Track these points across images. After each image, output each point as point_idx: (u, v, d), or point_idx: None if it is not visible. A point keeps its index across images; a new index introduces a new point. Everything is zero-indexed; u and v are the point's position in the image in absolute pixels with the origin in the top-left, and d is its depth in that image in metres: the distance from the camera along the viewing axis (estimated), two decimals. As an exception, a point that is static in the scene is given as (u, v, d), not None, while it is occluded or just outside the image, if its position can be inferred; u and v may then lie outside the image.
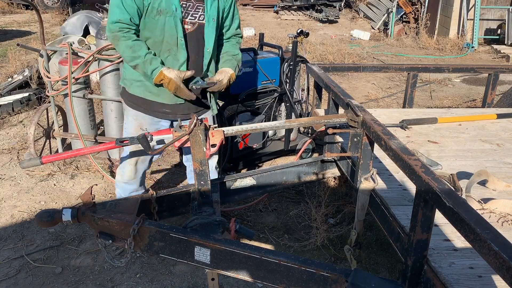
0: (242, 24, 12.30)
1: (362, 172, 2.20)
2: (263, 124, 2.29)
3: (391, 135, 1.88)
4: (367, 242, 2.94)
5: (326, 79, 2.90)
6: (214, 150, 2.00)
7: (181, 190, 2.22)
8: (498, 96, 4.48)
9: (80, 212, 1.84)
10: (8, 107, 4.96)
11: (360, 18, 12.69)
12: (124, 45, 2.32)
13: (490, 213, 1.99)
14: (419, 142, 2.84)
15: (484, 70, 3.80)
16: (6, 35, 9.57)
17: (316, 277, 1.61)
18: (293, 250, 2.87)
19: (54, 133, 3.94)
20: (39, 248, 2.87)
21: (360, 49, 9.35)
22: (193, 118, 1.90)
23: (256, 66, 3.48)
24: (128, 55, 2.33)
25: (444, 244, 1.78)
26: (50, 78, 3.62)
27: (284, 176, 2.62)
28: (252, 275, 1.71)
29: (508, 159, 2.63)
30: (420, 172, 1.54)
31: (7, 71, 6.21)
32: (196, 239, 1.75)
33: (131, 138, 2.03)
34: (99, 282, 2.60)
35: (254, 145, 3.73)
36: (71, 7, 11.35)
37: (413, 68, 3.55)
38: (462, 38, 9.67)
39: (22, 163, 2.12)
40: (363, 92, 6.42)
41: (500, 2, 9.88)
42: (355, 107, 2.19)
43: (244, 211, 3.29)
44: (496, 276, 1.58)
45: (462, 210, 1.31)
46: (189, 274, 2.66)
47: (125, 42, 2.32)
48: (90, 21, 6.51)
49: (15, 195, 3.47)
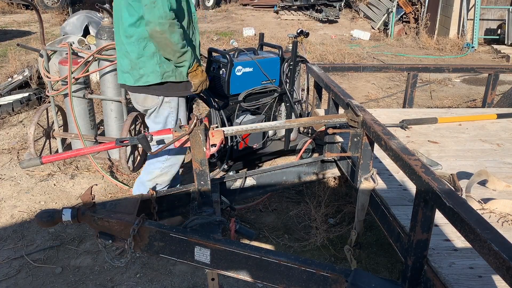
0: (242, 24, 12.29)
1: (362, 172, 2.20)
2: (263, 124, 2.29)
3: (391, 135, 1.88)
4: (367, 242, 2.94)
5: (326, 79, 2.90)
6: (214, 150, 2.00)
7: (181, 190, 2.22)
8: (498, 96, 4.47)
9: (80, 212, 1.84)
10: (8, 107, 4.97)
11: (360, 18, 12.68)
12: (179, 33, 2.38)
13: (490, 213, 1.99)
14: (419, 142, 2.84)
15: (484, 70, 3.80)
16: (6, 35, 9.57)
17: (316, 277, 1.61)
18: (293, 250, 2.87)
19: (54, 133, 3.94)
20: (39, 248, 2.87)
21: (360, 49, 9.35)
22: (193, 118, 1.90)
23: (256, 66, 3.48)
24: (181, 42, 2.40)
25: (444, 244, 1.78)
26: (50, 78, 3.62)
27: (284, 176, 2.62)
28: (252, 275, 1.71)
29: (508, 159, 2.63)
30: (420, 172, 1.54)
31: (7, 71, 6.21)
32: (196, 239, 1.75)
33: (131, 138, 2.03)
34: (99, 282, 2.60)
35: (254, 145, 3.73)
36: (71, 7, 11.36)
37: (413, 68, 3.55)
38: (462, 38, 9.66)
39: (22, 163, 2.12)
40: (363, 92, 6.42)
41: (500, 2, 9.87)
42: (355, 107, 2.19)
43: (244, 211, 3.29)
44: (496, 276, 1.58)
45: (462, 210, 1.31)
46: (189, 274, 2.66)
47: (179, 30, 2.39)
48: (90, 21, 6.51)
49: (15, 195, 3.47)
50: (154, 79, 2.54)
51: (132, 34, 2.49)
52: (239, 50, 3.58)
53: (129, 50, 2.54)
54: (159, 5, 2.27)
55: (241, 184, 2.47)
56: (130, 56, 2.54)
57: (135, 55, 2.52)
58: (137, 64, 2.53)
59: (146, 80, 2.55)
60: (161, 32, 2.32)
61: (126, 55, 2.57)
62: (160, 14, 2.28)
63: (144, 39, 2.48)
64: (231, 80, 3.36)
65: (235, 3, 15.26)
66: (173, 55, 2.43)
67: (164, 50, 2.43)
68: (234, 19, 12.71)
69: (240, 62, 3.41)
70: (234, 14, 13.45)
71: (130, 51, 2.53)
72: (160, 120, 2.69)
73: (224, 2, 15.05)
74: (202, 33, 9.78)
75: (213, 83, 3.52)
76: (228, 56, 3.35)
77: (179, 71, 2.58)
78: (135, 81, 2.58)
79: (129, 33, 2.50)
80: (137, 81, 2.57)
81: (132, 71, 2.57)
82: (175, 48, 2.39)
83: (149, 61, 2.51)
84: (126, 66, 2.59)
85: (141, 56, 2.51)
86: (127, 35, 2.51)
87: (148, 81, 2.55)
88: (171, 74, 2.57)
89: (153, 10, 2.28)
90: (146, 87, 2.57)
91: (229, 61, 3.33)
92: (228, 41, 9.28)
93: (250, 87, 3.50)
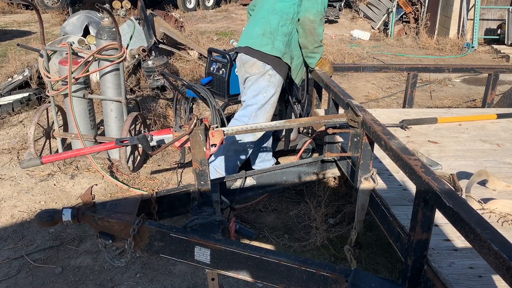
0: (242, 24, 12.24)
1: (362, 172, 2.20)
2: (263, 124, 2.29)
3: (391, 135, 1.88)
4: (367, 242, 2.94)
5: (326, 79, 2.90)
6: (214, 150, 2.00)
7: (181, 190, 2.22)
8: (498, 96, 4.47)
9: (80, 212, 1.84)
10: (8, 107, 4.96)
11: (360, 18, 12.68)
12: (323, 29, 2.88)
13: (490, 213, 2.00)
14: (419, 142, 2.84)
15: (484, 70, 3.80)
16: (6, 35, 9.57)
17: (316, 277, 1.61)
18: (293, 250, 2.87)
19: (54, 133, 3.94)
20: (39, 248, 2.87)
21: (360, 49, 9.35)
22: (193, 118, 1.90)
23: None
24: (322, 36, 2.89)
25: (444, 244, 1.78)
26: (50, 78, 3.62)
27: (284, 176, 2.62)
28: (252, 275, 1.71)
29: (508, 159, 2.63)
30: (420, 172, 1.54)
31: (7, 71, 6.21)
32: (196, 239, 1.75)
33: (131, 138, 2.03)
34: (99, 282, 2.60)
35: (254, 145, 3.72)
36: (71, 7, 11.34)
37: (413, 68, 3.55)
38: (462, 38, 9.66)
39: (22, 163, 2.12)
40: (363, 92, 6.42)
41: (500, 2, 9.87)
42: (355, 107, 2.19)
43: (244, 211, 3.29)
44: (496, 276, 1.59)
45: (462, 210, 1.31)
46: (189, 274, 2.66)
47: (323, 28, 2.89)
48: (90, 21, 6.51)
49: (15, 195, 3.47)
50: (275, 52, 2.91)
51: (280, 9, 2.90)
52: (239, 50, 3.59)
53: (270, 20, 2.93)
54: (320, 1, 2.79)
55: (241, 184, 2.47)
56: (268, 24, 2.92)
57: (274, 26, 2.90)
58: (271, 33, 2.89)
59: (268, 49, 2.90)
60: (313, 21, 2.79)
61: (263, 23, 2.95)
62: (320, 8, 2.79)
63: (287, 19, 2.90)
64: (231, 80, 3.36)
65: (235, 3, 15.25)
66: (312, 44, 2.88)
67: (307, 37, 2.87)
68: (234, 19, 12.71)
69: (240, 62, 3.41)
70: (234, 14, 13.44)
71: (271, 21, 2.92)
72: (253, 88, 2.99)
73: (224, 2, 15.05)
74: (202, 33, 9.78)
75: (213, 83, 3.52)
76: (228, 56, 3.35)
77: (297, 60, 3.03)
78: (258, 46, 2.92)
79: (278, 7, 2.91)
80: (261, 47, 2.91)
81: (260, 38, 2.91)
82: (317, 38, 2.86)
83: (280, 37, 2.90)
84: (258, 31, 2.96)
85: (277, 30, 2.90)
86: (275, 8, 2.92)
87: (269, 51, 2.90)
88: (288, 57, 2.97)
89: (315, 3, 2.77)
90: (263, 54, 2.91)
91: (229, 61, 3.33)
92: (228, 41, 9.28)
93: (250, 87, 3.49)
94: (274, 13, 2.93)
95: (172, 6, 12.75)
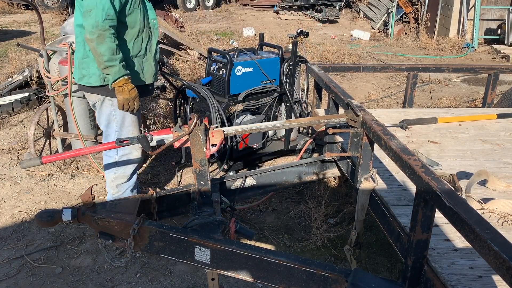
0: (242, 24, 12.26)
1: (362, 172, 2.20)
2: (263, 124, 2.29)
3: (391, 135, 1.88)
4: (367, 242, 2.94)
5: (326, 79, 2.90)
6: (214, 150, 2.00)
7: (181, 190, 2.22)
8: (498, 96, 4.48)
9: (80, 212, 1.84)
10: (8, 107, 4.96)
11: (360, 18, 12.68)
12: (108, 46, 2.40)
13: (490, 213, 2.00)
14: (419, 142, 2.84)
15: (484, 70, 3.80)
16: (6, 35, 9.57)
17: (316, 277, 1.61)
18: (293, 250, 2.87)
19: (54, 133, 3.94)
20: (39, 248, 2.87)
21: (360, 49, 9.35)
22: (193, 118, 1.90)
23: (256, 66, 3.48)
24: (108, 56, 2.40)
25: (444, 244, 1.78)
26: (50, 78, 3.62)
27: (284, 176, 2.62)
28: (252, 275, 1.71)
29: (508, 159, 2.63)
30: (420, 172, 1.54)
31: (7, 71, 6.21)
32: (196, 239, 1.75)
33: (131, 138, 2.03)
34: (99, 282, 2.60)
35: (254, 145, 3.73)
36: (71, 7, 11.33)
37: (413, 68, 3.55)
38: (462, 38, 9.66)
39: (22, 163, 2.12)
40: (363, 92, 6.42)
41: (500, 2, 9.87)
42: (355, 107, 2.19)
43: (244, 211, 3.29)
44: (496, 276, 1.59)
45: (462, 210, 1.31)
46: (189, 274, 2.66)
47: (110, 44, 2.40)
48: (90, 21, 6.50)
49: (15, 195, 3.47)
50: (95, 81, 2.61)
51: (79, 34, 2.59)
52: (239, 50, 3.59)
53: (76, 49, 2.66)
54: (93, 15, 2.35)
55: (241, 184, 2.47)
56: (76, 55, 2.64)
57: (80, 55, 2.61)
58: (81, 64, 2.62)
59: (87, 81, 2.63)
60: (90, 40, 2.40)
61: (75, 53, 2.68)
62: (92, 23, 2.35)
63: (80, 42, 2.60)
64: (231, 80, 3.36)
65: (235, 3, 15.25)
66: (99, 65, 2.48)
67: (94, 57, 2.49)
68: (234, 19, 12.71)
69: (240, 62, 3.41)
70: (234, 14, 13.45)
71: (76, 50, 2.65)
72: (103, 118, 2.76)
73: (224, 2, 15.05)
74: (202, 33, 9.78)
75: (213, 83, 3.52)
76: (228, 56, 3.35)
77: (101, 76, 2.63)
78: (78, 79, 2.67)
79: (77, 33, 2.60)
80: (80, 80, 2.66)
81: (77, 69, 2.67)
82: (100, 59, 2.43)
83: (92, 63, 2.56)
84: (75, 62, 2.69)
85: (86, 57, 2.59)
86: (76, 35, 2.62)
87: (90, 82, 2.63)
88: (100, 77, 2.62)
89: (88, 17, 2.37)
90: (88, 86, 2.66)
91: (229, 61, 3.33)
92: (228, 41, 9.28)
93: (250, 87, 3.50)
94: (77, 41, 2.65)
95: (172, 6, 12.75)
